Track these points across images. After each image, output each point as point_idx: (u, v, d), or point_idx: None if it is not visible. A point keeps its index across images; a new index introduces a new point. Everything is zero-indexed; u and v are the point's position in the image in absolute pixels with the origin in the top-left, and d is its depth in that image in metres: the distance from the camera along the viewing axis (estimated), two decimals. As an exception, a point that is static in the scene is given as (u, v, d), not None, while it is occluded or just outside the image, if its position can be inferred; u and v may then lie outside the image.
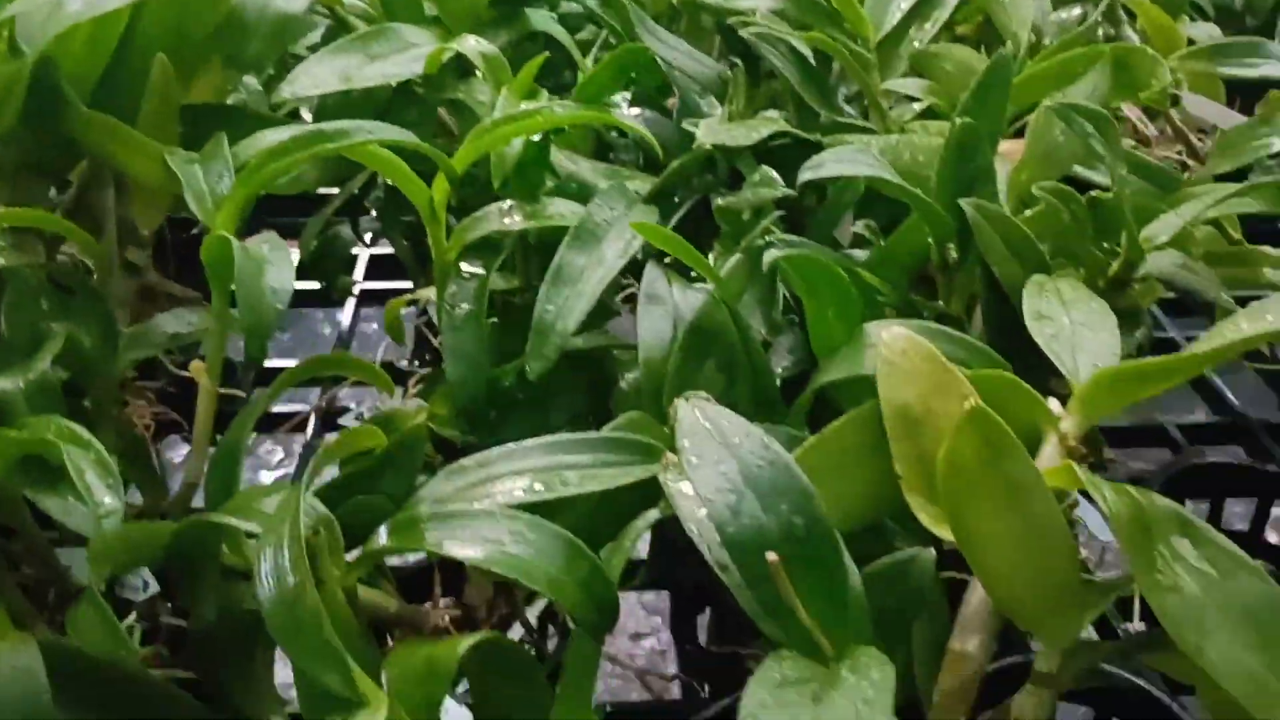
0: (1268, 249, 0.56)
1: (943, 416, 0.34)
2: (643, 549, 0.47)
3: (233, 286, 0.39)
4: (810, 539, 0.28)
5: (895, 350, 0.35)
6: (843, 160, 0.43)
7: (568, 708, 0.33)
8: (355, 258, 0.72)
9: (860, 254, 0.49)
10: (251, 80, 0.67)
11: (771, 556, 0.27)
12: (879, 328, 0.37)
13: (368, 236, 0.74)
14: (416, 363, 0.62)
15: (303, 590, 0.29)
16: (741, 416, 0.39)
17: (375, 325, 0.82)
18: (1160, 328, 0.62)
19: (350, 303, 0.68)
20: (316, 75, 0.57)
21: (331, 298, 0.68)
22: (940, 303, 0.48)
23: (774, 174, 0.46)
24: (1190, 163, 0.76)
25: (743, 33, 0.55)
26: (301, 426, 0.56)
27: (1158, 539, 0.31)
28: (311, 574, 0.30)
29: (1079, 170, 0.59)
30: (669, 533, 0.33)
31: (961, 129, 0.44)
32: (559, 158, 0.55)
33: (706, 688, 0.47)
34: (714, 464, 0.29)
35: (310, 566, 0.31)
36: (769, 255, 0.38)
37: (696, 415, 0.31)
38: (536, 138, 0.47)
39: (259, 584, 0.31)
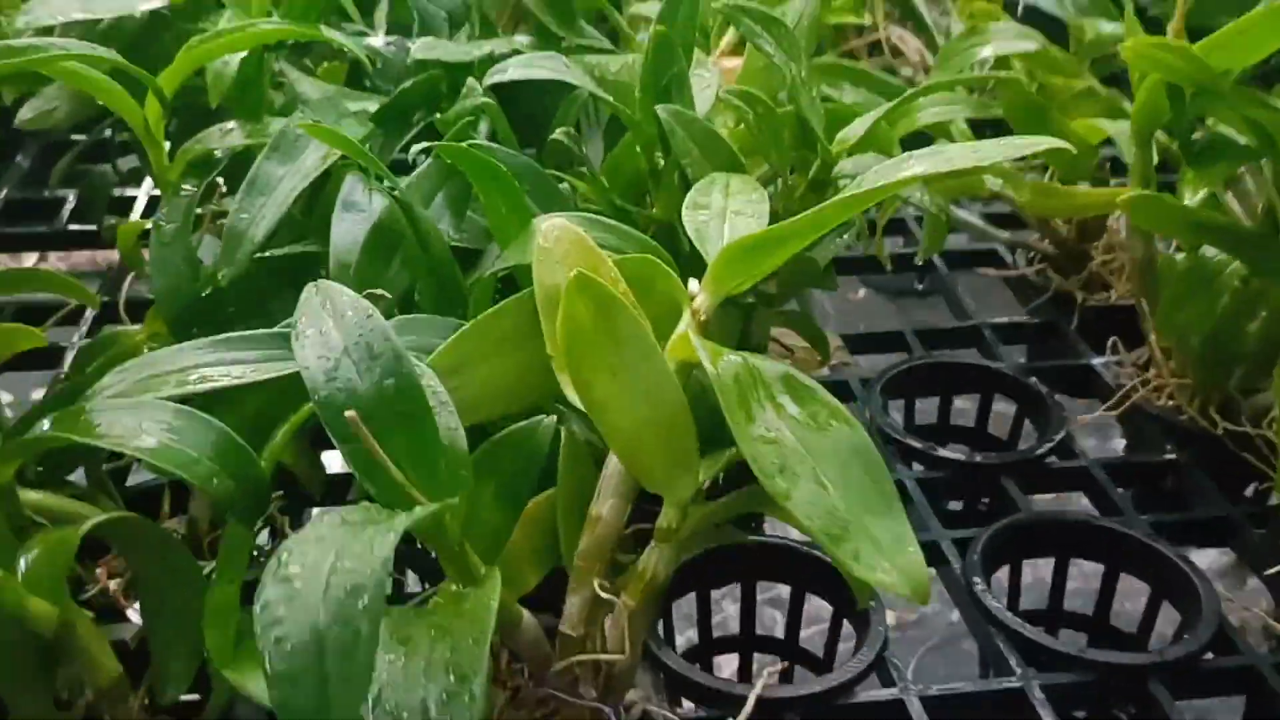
0: (989, 158, 0.58)
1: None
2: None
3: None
4: (400, 399, 0.29)
5: (550, 238, 0.36)
6: (528, 65, 0.44)
7: (220, 588, 0.34)
8: (132, 200, 0.71)
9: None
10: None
11: (350, 414, 0.28)
12: (544, 219, 0.38)
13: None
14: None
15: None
16: (429, 311, 0.41)
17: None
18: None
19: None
20: (54, 3, 0.57)
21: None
22: (653, 209, 0.49)
23: (478, 85, 0.47)
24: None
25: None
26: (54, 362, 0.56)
27: (764, 397, 0.33)
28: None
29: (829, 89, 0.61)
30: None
31: (655, 37, 0.45)
32: (303, 84, 0.55)
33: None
34: (320, 336, 0.30)
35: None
36: (416, 148, 0.39)
37: (315, 295, 0.32)
38: (243, 55, 0.47)
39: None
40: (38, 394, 0.70)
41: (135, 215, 0.70)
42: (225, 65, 0.48)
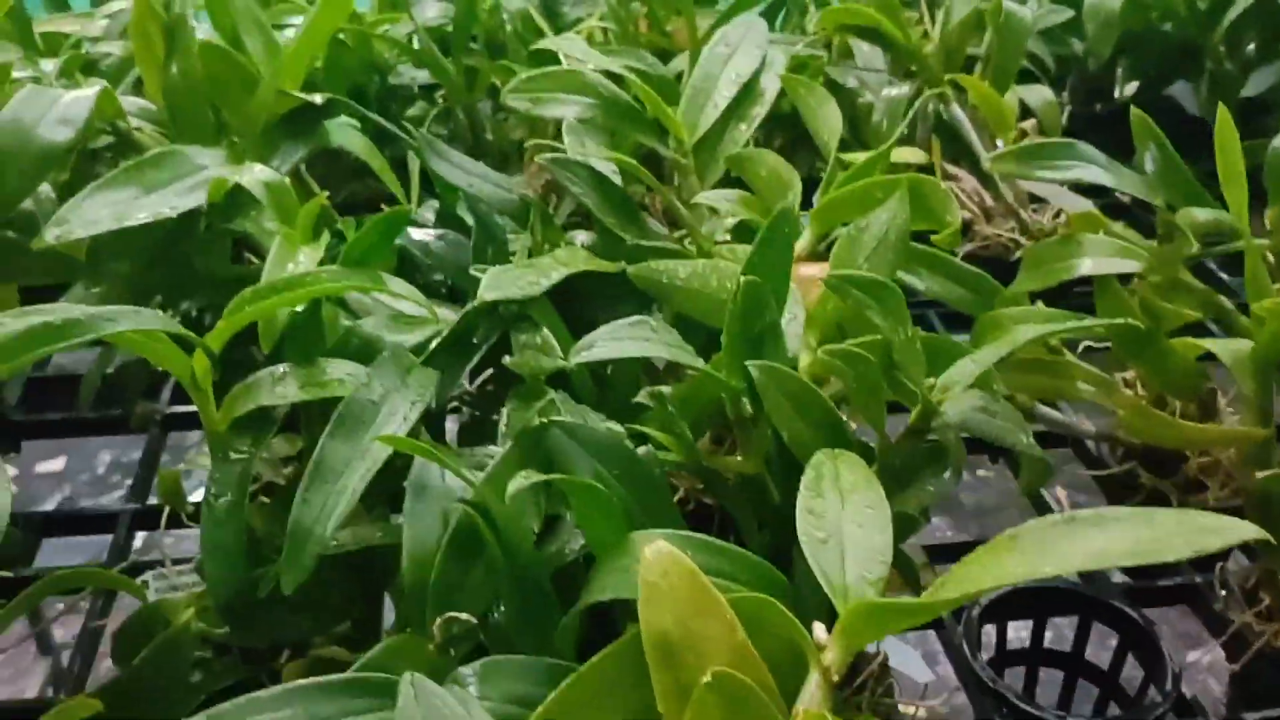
0: (1080, 363, 0.55)
1: (702, 641, 0.32)
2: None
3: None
4: None
5: (656, 570, 0.33)
6: (616, 339, 0.41)
7: None
8: (163, 379, 0.68)
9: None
10: (46, 189, 0.63)
11: None
12: (644, 540, 0.35)
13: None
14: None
15: None
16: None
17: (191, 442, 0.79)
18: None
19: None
20: (88, 214, 0.53)
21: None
22: (739, 457, 0.46)
23: (553, 340, 0.43)
24: (1021, 240, 0.75)
25: (538, 159, 0.53)
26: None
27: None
28: None
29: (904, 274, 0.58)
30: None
31: (746, 288, 0.42)
32: (366, 305, 0.52)
33: None
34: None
35: None
36: (514, 485, 0.35)
37: (415, 703, 0.28)
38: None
39: None
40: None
41: (163, 400, 0.67)
42: (279, 313, 0.45)
